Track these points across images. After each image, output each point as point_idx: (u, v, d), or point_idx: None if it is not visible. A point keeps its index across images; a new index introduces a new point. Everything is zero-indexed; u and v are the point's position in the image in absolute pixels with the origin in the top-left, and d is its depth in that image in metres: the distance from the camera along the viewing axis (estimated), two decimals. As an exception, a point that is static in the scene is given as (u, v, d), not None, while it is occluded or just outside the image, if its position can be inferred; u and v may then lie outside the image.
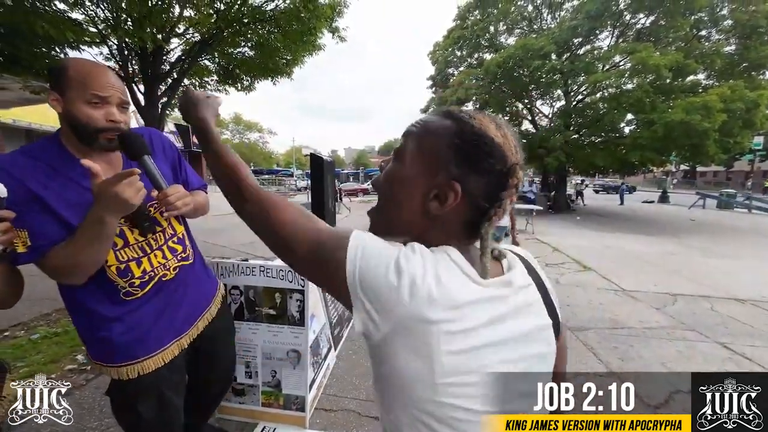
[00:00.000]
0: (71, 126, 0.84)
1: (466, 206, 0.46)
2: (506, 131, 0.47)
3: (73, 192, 0.84)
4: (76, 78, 0.81)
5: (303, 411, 1.79)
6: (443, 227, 0.48)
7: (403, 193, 0.49)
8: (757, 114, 9.55)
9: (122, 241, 0.92)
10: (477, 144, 0.45)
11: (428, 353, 0.40)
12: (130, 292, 0.95)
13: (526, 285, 0.50)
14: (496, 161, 0.45)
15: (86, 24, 3.86)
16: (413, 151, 0.49)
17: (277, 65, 5.28)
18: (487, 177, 0.45)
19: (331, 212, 3.09)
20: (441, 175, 0.46)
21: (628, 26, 12.68)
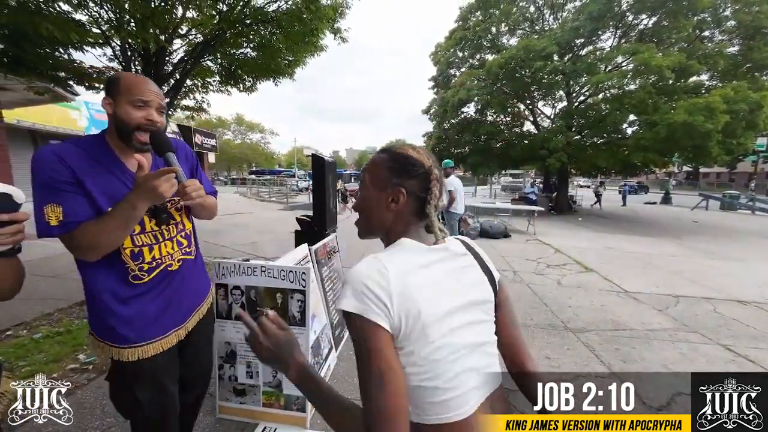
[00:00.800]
0: (116, 124, 1.01)
1: (411, 199, 0.70)
2: (420, 150, 0.73)
3: (110, 183, 1.00)
4: (126, 86, 0.99)
5: (304, 411, 1.79)
6: (402, 218, 0.72)
7: (373, 205, 0.73)
8: (760, 115, 9.48)
9: (140, 228, 1.05)
10: (403, 161, 0.70)
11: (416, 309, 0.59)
12: (138, 275, 1.05)
13: (462, 253, 0.73)
14: (418, 166, 0.70)
15: (90, 25, 3.88)
16: (370, 180, 0.73)
17: (279, 66, 5.28)
18: (416, 178, 0.70)
19: (332, 212, 3.09)
20: (390, 186, 0.70)
21: (630, 27, 12.64)
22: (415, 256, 0.65)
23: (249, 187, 18.75)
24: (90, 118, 15.75)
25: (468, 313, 0.65)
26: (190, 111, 6.46)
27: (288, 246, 2.80)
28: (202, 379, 1.36)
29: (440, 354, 0.59)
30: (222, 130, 38.54)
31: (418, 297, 0.59)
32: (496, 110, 14.30)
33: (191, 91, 6.00)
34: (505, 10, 14.22)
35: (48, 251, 4.88)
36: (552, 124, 14.14)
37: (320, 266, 2.53)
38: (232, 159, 38.56)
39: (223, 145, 34.53)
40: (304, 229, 2.96)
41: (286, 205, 14.19)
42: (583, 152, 12.35)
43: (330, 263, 2.73)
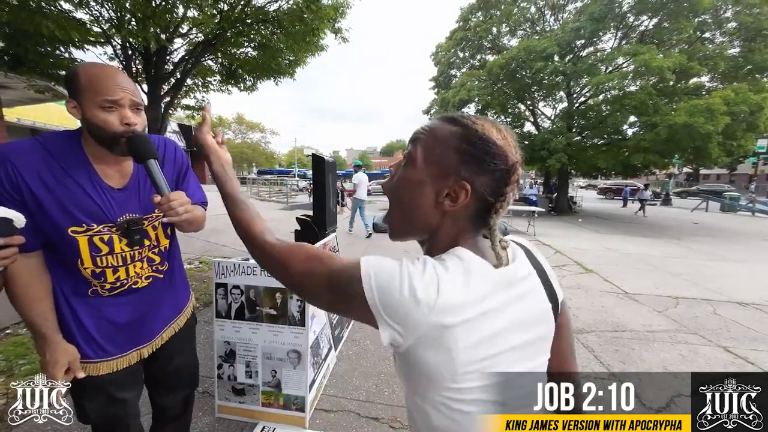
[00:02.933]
0: (90, 131, 0.86)
1: (475, 202, 0.51)
2: (506, 134, 0.52)
3: (74, 196, 0.86)
4: (87, 84, 0.83)
5: (303, 411, 1.79)
6: (455, 222, 0.53)
7: (417, 194, 0.53)
8: (761, 117, 9.49)
9: (107, 249, 0.93)
10: (482, 147, 0.50)
11: (448, 352, 0.45)
12: (97, 292, 0.96)
13: (528, 274, 0.55)
14: (500, 161, 0.50)
15: (91, 24, 3.89)
16: (424, 156, 0.53)
17: (279, 66, 5.29)
18: (492, 175, 0.50)
19: (332, 212, 3.09)
20: (452, 176, 0.51)
21: (631, 28, 12.64)
22: (480, 278, 0.48)
23: (249, 186, 18.77)
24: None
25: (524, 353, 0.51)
26: (191, 110, 6.47)
27: (288, 246, 2.79)
28: (186, 380, 1.28)
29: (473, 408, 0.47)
30: (222, 129, 38.53)
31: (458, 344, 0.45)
32: (496, 111, 14.29)
33: (192, 90, 6.01)
34: (506, 11, 14.22)
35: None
36: (552, 125, 14.13)
37: (320, 266, 2.52)
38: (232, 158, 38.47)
39: (223, 145, 34.57)
40: (304, 229, 2.95)
41: (287, 204, 14.19)
42: (584, 153, 12.36)
43: (330, 263, 2.73)
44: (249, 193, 17.31)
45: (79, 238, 0.88)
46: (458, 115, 0.54)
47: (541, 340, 0.54)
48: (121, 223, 0.93)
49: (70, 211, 0.86)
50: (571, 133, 12.52)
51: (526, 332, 0.51)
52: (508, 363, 0.48)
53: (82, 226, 0.88)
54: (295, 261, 0.55)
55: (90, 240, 0.90)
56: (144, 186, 0.98)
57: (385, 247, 6.23)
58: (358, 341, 2.73)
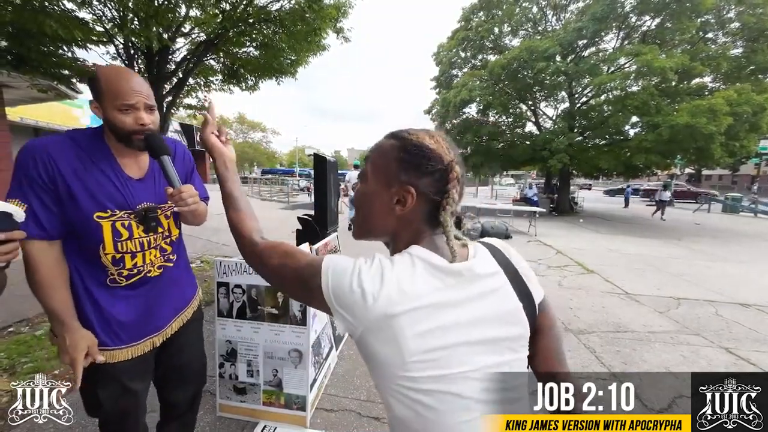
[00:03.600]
0: (110, 129, 0.97)
1: (423, 203, 0.56)
2: (438, 138, 0.58)
3: (101, 184, 0.97)
4: (107, 88, 0.93)
5: (304, 410, 1.79)
6: (409, 224, 0.59)
7: (372, 205, 0.60)
8: (763, 117, 9.44)
9: (127, 234, 1.01)
10: (417, 153, 0.56)
11: (395, 340, 0.49)
12: (115, 280, 1.02)
13: (492, 272, 0.58)
14: (435, 162, 0.55)
15: (93, 23, 3.90)
16: (372, 171, 0.60)
17: (281, 65, 5.29)
18: (431, 176, 0.55)
19: (333, 212, 3.09)
20: (396, 183, 0.57)
21: (633, 28, 12.60)
22: (427, 273, 0.53)
23: (250, 186, 18.79)
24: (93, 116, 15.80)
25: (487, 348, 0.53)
26: (193, 110, 6.48)
27: (289, 245, 2.79)
28: (194, 376, 1.31)
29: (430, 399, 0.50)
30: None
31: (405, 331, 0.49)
32: (498, 111, 14.27)
33: (194, 89, 6.02)
34: (508, 11, 14.19)
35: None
36: (554, 125, 14.10)
37: (321, 266, 2.53)
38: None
39: (224, 144, 34.57)
40: (306, 229, 2.96)
41: (288, 204, 14.21)
42: (585, 153, 12.32)
43: (331, 263, 2.73)
44: (250, 192, 17.35)
45: (103, 223, 0.96)
46: (397, 130, 0.61)
47: (510, 340, 0.56)
48: (139, 210, 1.02)
49: (97, 198, 0.95)
50: (572, 133, 12.48)
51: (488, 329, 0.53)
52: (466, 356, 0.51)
53: (106, 212, 0.96)
54: (273, 258, 0.61)
55: (113, 225, 0.98)
56: (158, 178, 1.08)
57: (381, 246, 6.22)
58: (358, 341, 2.73)
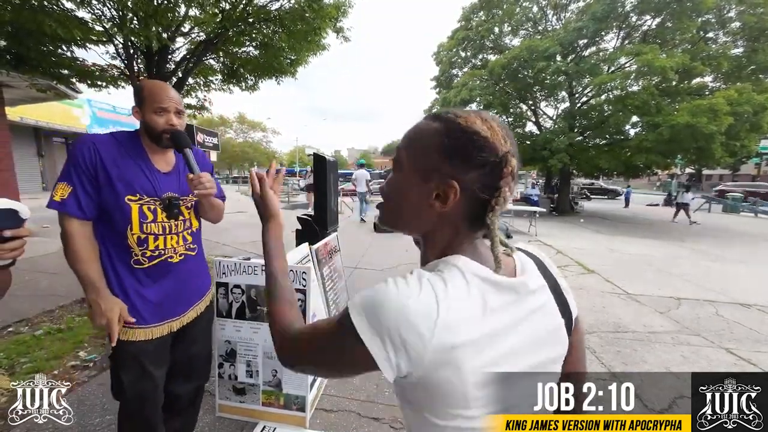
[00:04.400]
0: (146, 129, 1.16)
1: (468, 200, 0.48)
2: (492, 123, 0.48)
3: (135, 175, 1.13)
4: (148, 95, 1.14)
5: (303, 411, 1.79)
6: (450, 223, 0.50)
7: (406, 197, 0.51)
8: (764, 117, 9.43)
9: (152, 216, 1.15)
10: (466, 140, 0.47)
11: (456, 376, 0.42)
12: (139, 260, 1.15)
13: (539, 287, 0.52)
14: (488, 153, 0.46)
15: (93, 23, 3.89)
16: (409, 159, 0.51)
17: (281, 65, 5.28)
18: (481, 169, 0.46)
19: (333, 211, 3.08)
20: (437, 175, 0.48)
21: (634, 28, 12.58)
22: (478, 290, 0.45)
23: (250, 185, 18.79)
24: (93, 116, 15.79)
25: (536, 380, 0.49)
26: (192, 109, 6.47)
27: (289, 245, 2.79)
28: (200, 369, 1.40)
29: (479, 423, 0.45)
30: (224, 128, 38.62)
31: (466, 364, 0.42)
32: (498, 111, 14.25)
33: (193, 89, 6.01)
34: (508, 11, 14.17)
35: (49, 247, 4.89)
36: (554, 125, 14.09)
37: (321, 265, 2.52)
38: (233, 158, 38.62)
39: (224, 144, 34.55)
40: (305, 229, 2.95)
41: (288, 204, 14.20)
42: (585, 153, 12.31)
43: (331, 262, 2.72)
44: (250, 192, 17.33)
45: (133, 205, 1.12)
46: (442, 111, 0.51)
47: (551, 361, 0.51)
48: (164, 198, 1.18)
49: (130, 183, 1.11)
50: (572, 133, 12.46)
51: (537, 353, 0.48)
52: (523, 387, 0.46)
53: (136, 196, 1.12)
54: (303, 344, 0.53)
55: (140, 208, 1.13)
56: (182, 174, 1.25)
57: (385, 246, 6.22)
58: (358, 341, 2.73)
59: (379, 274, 4.49)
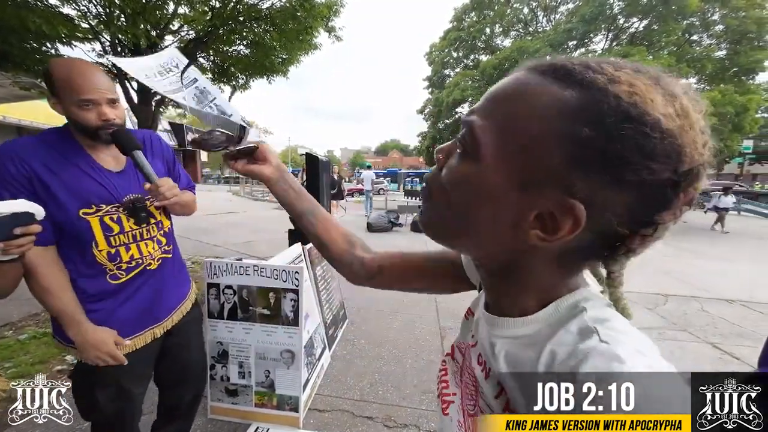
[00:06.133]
0: (73, 125, 0.95)
1: (590, 233, 0.28)
2: (685, 102, 0.27)
3: (79, 180, 0.94)
4: (62, 84, 0.89)
5: (296, 411, 1.78)
6: (547, 260, 0.32)
7: (482, 207, 0.31)
8: (746, 118, 9.72)
9: (118, 228, 1.00)
10: (628, 135, 0.25)
11: None
12: (116, 275, 1.01)
13: None
14: (663, 163, 0.25)
15: (78, 19, 3.81)
16: (497, 144, 0.30)
17: (272, 64, 5.25)
18: (638, 191, 0.26)
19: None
20: (551, 188, 0.28)
21: (621, 30, 12.85)
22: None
23: (242, 186, 18.59)
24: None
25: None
26: (182, 108, 6.38)
27: (282, 245, 2.78)
28: (195, 376, 1.32)
29: None
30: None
31: None
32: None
33: (183, 88, 5.92)
34: (499, 12, 14.34)
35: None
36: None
37: (314, 266, 2.52)
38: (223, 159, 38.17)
39: (215, 144, 34.10)
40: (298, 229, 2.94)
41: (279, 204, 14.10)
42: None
43: (324, 262, 2.72)
44: (242, 192, 17.17)
45: (91, 219, 0.94)
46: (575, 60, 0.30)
47: None
48: (126, 203, 1.01)
49: (78, 193, 0.92)
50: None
51: None
52: None
53: (92, 207, 0.94)
54: None
55: (101, 220, 0.96)
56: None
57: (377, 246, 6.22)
58: (352, 341, 2.73)
59: (373, 273, 4.49)
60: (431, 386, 2.19)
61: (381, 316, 3.21)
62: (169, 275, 1.17)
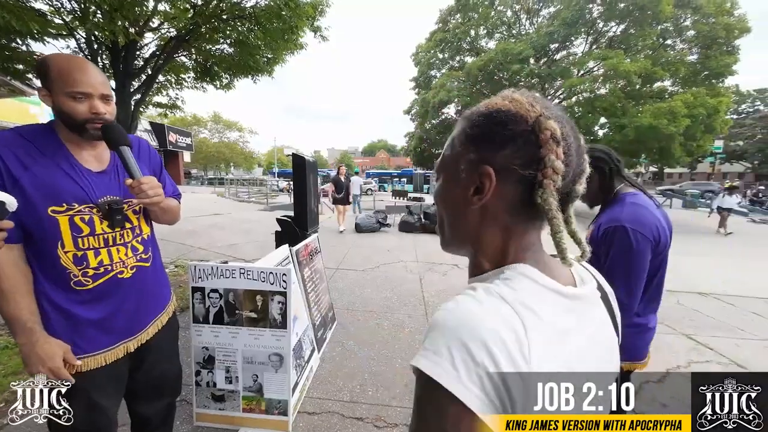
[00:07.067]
0: (60, 118, 0.92)
1: (512, 184, 0.41)
2: (514, 95, 0.43)
3: (54, 177, 0.90)
4: (58, 76, 0.88)
5: (285, 415, 1.76)
6: (495, 218, 0.43)
7: (448, 205, 0.48)
8: (717, 119, 10.21)
9: (88, 229, 0.94)
10: (487, 121, 0.42)
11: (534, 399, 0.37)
12: (81, 281, 0.94)
13: (597, 299, 0.47)
14: (514, 124, 0.40)
15: (52, 15, 3.65)
16: (443, 161, 0.49)
17: (257, 63, 5.16)
18: (512, 144, 0.40)
19: (313, 212, 3.05)
20: (468, 166, 0.43)
21: (600, 34, 13.26)
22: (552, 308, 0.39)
23: (227, 187, 18.22)
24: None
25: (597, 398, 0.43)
26: (163, 108, 6.21)
27: (269, 247, 2.74)
28: (170, 386, 1.28)
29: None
30: (198, 128, 37.24)
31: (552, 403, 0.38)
32: (475, 111, 14.60)
33: (164, 87, 5.77)
34: (484, 14, 14.56)
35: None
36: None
37: (301, 267, 2.49)
38: (208, 158, 37.33)
39: (199, 144, 33.34)
40: (285, 230, 2.90)
41: (267, 205, 13.89)
42: (558, 153, 12.84)
43: (312, 264, 2.70)
44: (227, 194, 16.83)
45: (60, 218, 0.89)
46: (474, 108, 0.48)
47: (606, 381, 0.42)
48: (102, 204, 0.96)
49: (50, 190, 0.88)
50: (546, 133, 12.96)
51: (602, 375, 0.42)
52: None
53: (62, 206, 0.90)
54: None
55: (71, 220, 0.91)
56: (122, 171, 1.02)
57: (366, 246, 6.22)
58: (341, 342, 2.72)
59: (361, 274, 4.48)
60: (421, 385, 2.20)
61: (370, 316, 3.21)
62: (146, 286, 1.09)
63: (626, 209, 1.08)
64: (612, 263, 1.09)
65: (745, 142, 32.55)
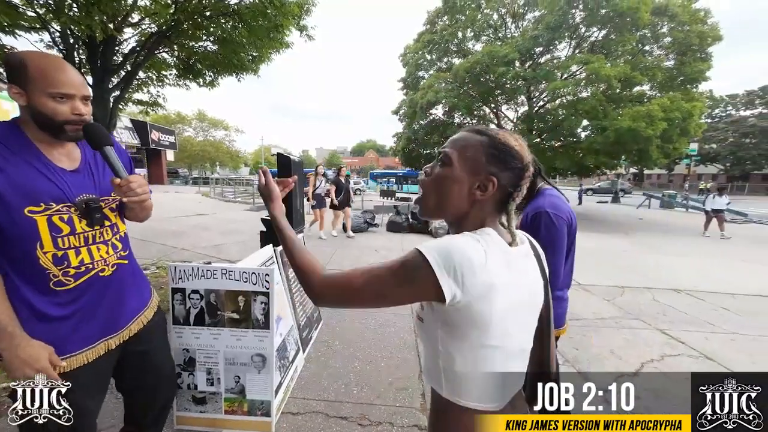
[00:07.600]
0: (35, 117, 0.90)
1: (499, 192, 0.65)
2: (519, 141, 0.67)
3: (26, 175, 0.88)
4: (40, 76, 0.87)
5: (268, 416, 1.75)
6: (482, 208, 0.67)
7: (452, 187, 0.67)
8: (691, 123, 10.63)
9: (69, 228, 0.94)
10: (505, 150, 0.65)
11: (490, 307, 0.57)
12: (61, 281, 0.94)
13: (530, 254, 0.71)
14: (518, 160, 0.65)
15: (24, 7, 3.51)
16: (460, 158, 0.67)
17: (242, 61, 5.09)
18: (512, 172, 0.65)
19: (299, 212, 3.03)
20: (482, 172, 0.65)
21: (583, 38, 13.60)
22: (503, 253, 0.62)
23: (212, 186, 17.85)
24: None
25: (529, 316, 0.67)
26: (144, 105, 6.05)
27: (254, 248, 2.71)
28: (162, 383, 1.27)
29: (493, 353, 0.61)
30: (182, 126, 36.32)
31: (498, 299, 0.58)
32: (463, 113, 14.77)
33: (145, 84, 5.62)
34: (471, 16, 14.72)
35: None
36: (515, 128, 14.84)
37: (286, 267, 2.48)
38: (193, 157, 36.44)
39: (183, 143, 32.47)
40: (270, 230, 2.87)
41: (253, 205, 13.68)
42: (543, 155, 13.10)
43: (297, 264, 2.68)
44: (212, 193, 16.51)
45: (38, 218, 0.88)
46: (481, 127, 0.69)
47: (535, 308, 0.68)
48: (79, 203, 0.96)
49: (26, 190, 0.87)
50: (531, 135, 13.22)
51: (532, 301, 0.67)
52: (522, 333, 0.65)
53: (39, 206, 0.89)
54: (356, 279, 0.63)
55: (49, 220, 0.90)
56: (97, 169, 1.03)
57: (353, 246, 6.21)
58: (327, 342, 2.71)
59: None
60: (406, 383, 2.22)
61: (356, 316, 3.22)
62: (126, 283, 1.11)
63: (546, 200, 1.31)
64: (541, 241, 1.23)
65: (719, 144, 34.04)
